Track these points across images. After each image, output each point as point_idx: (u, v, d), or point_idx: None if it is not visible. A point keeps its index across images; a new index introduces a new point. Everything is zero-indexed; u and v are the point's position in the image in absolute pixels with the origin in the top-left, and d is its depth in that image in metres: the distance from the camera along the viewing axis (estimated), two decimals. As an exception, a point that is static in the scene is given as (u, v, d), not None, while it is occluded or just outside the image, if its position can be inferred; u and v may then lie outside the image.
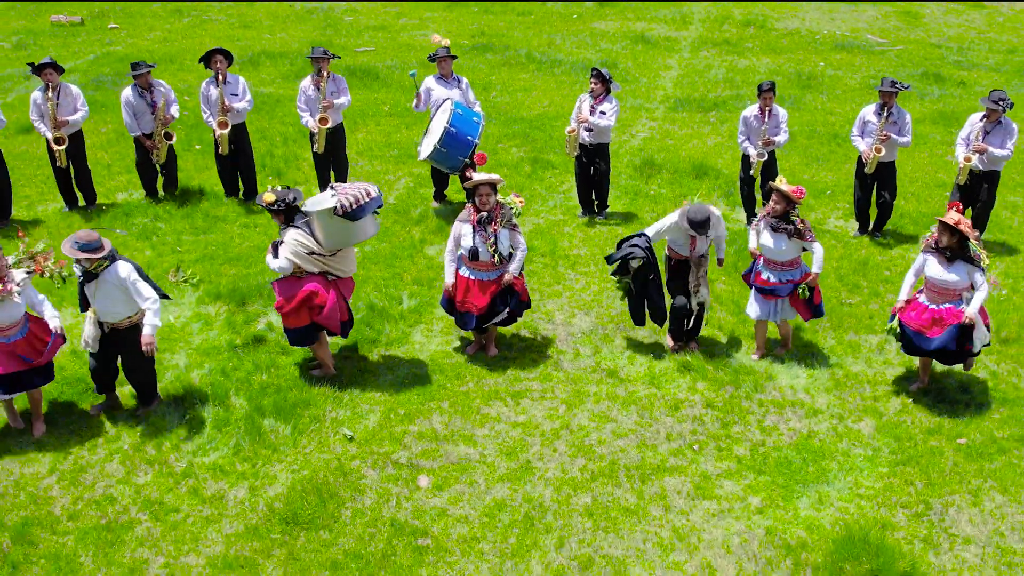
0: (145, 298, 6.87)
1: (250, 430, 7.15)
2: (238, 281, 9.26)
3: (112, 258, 6.85)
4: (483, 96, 14.90)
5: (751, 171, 10.47)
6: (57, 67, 10.39)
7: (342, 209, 7.11)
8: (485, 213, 7.69)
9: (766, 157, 10.36)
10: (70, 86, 10.61)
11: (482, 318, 7.86)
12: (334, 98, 10.76)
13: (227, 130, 10.80)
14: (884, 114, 10.01)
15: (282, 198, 7.41)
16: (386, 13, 22.81)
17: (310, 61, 10.82)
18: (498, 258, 7.74)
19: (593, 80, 10.44)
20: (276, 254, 7.43)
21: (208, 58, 10.83)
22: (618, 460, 6.96)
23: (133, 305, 6.99)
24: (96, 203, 11.12)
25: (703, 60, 18.56)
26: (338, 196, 7.19)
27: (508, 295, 7.88)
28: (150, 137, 10.81)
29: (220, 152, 11.02)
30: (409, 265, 9.75)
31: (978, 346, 7.29)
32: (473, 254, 7.72)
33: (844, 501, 6.57)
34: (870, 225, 10.63)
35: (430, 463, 6.92)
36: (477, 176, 7.74)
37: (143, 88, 10.68)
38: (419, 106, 10.97)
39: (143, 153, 10.95)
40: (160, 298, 7.03)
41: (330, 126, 10.82)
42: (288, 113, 14.10)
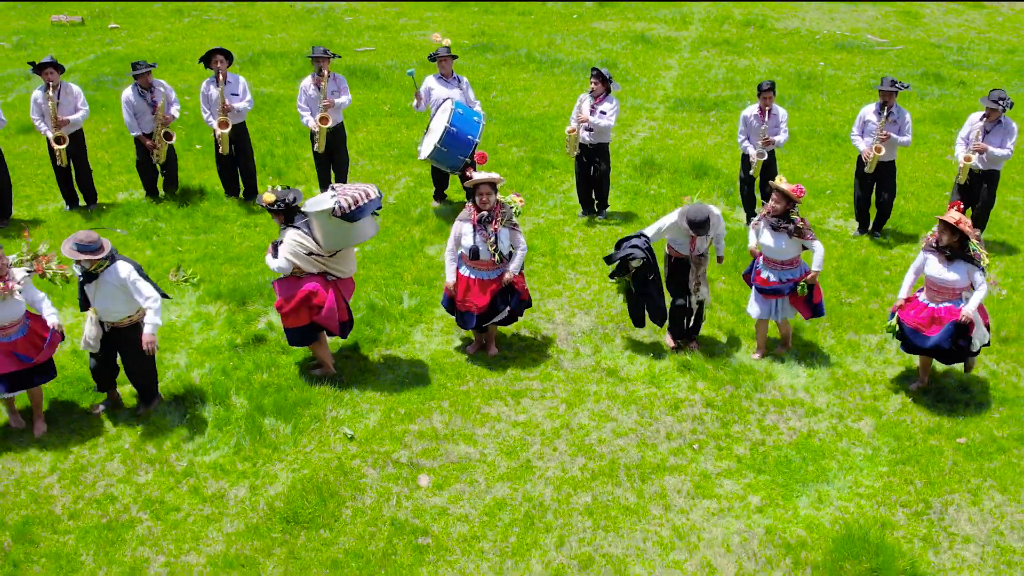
0: (146, 297, 6.88)
1: (251, 429, 7.16)
2: (238, 281, 9.27)
3: (112, 258, 6.86)
4: (483, 96, 14.90)
5: (751, 171, 10.48)
6: (58, 66, 10.40)
7: (340, 210, 7.11)
8: (485, 212, 7.70)
9: (765, 157, 10.37)
10: (71, 85, 10.62)
11: (482, 317, 7.87)
12: (335, 97, 10.77)
13: (227, 130, 10.82)
14: (884, 113, 10.02)
15: (282, 198, 7.42)
16: (386, 13, 22.81)
17: (310, 61, 10.83)
18: (498, 257, 7.74)
19: (593, 80, 10.45)
20: (276, 254, 7.45)
21: (208, 58, 10.85)
22: (618, 459, 6.97)
23: (134, 304, 7.00)
24: (97, 203, 11.13)
25: (703, 60, 18.56)
26: (337, 197, 7.20)
27: (508, 294, 7.89)
28: (150, 137, 10.83)
29: (220, 152, 11.04)
30: (409, 264, 9.76)
31: (977, 345, 7.30)
32: (473, 253, 7.73)
33: (844, 500, 6.58)
34: (870, 225, 10.65)
35: (430, 462, 6.93)
36: (477, 175, 7.75)
37: (143, 88, 10.69)
38: (419, 106, 10.98)
39: (143, 153, 10.96)
40: (159, 297, 7.04)
41: (330, 125, 10.83)
42: (288, 113, 14.11)
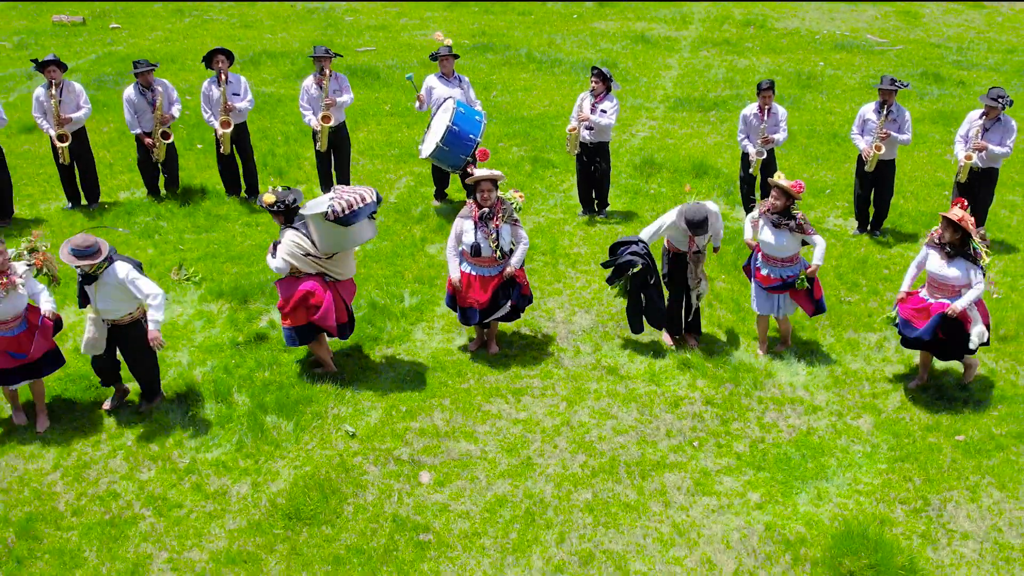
0: (146, 294, 6.88)
1: (252, 426, 7.19)
2: (240, 279, 9.30)
3: (110, 260, 6.86)
4: (484, 96, 14.93)
5: (750, 169, 10.52)
6: (60, 64, 10.43)
7: (334, 214, 7.11)
8: (487, 209, 7.72)
9: (765, 155, 10.41)
10: (73, 83, 10.65)
11: (485, 313, 7.90)
12: (336, 96, 10.80)
13: (229, 129, 10.84)
14: (884, 112, 10.04)
15: (282, 199, 7.44)
16: (387, 13, 22.84)
17: (311, 60, 10.86)
18: (500, 253, 7.77)
19: (594, 79, 10.47)
20: (276, 253, 7.47)
21: (210, 58, 10.87)
22: (618, 456, 6.99)
23: (135, 302, 7.02)
24: (99, 201, 11.16)
25: (703, 60, 18.59)
26: (332, 201, 7.21)
27: (510, 288, 7.91)
28: (149, 135, 10.85)
29: (222, 152, 11.06)
30: (410, 263, 9.78)
31: (975, 343, 7.31)
32: (475, 250, 7.75)
33: (843, 497, 6.61)
34: (869, 223, 10.67)
35: (431, 459, 6.96)
36: (479, 172, 7.77)
37: (144, 86, 10.72)
38: (422, 107, 10.99)
39: (144, 152, 10.98)
40: (161, 293, 7.04)
41: (332, 124, 10.86)
42: (289, 112, 14.13)
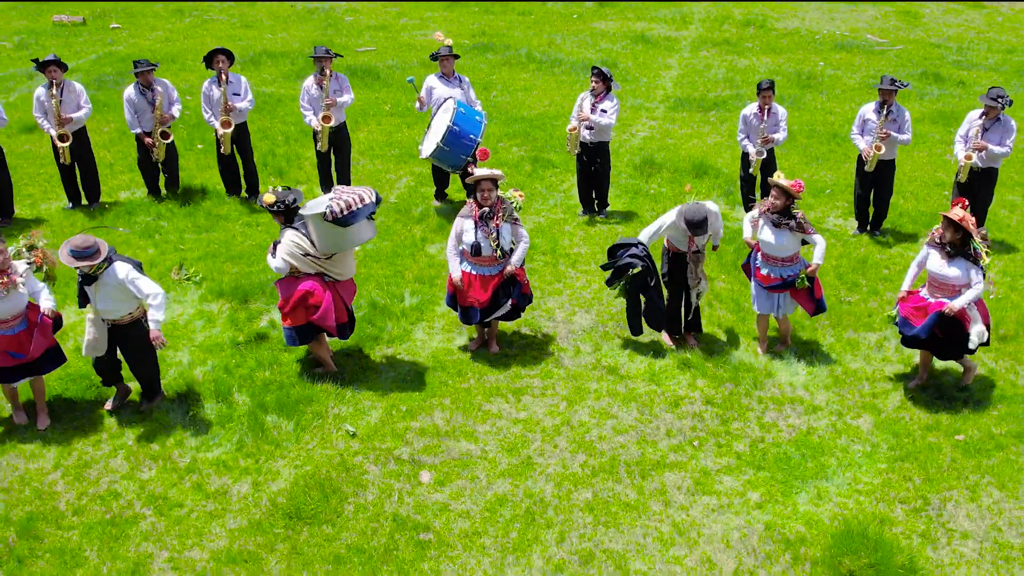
0: (147, 294, 6.89)
1: (253, 426, 7.20)
2: (240, 279, 9.31)
3: (110, 260, 6.86)
4: (484, 96, 14.94)
5: (750, 169, 10.53)
6: (61, 64, 10.44)
7: (332, 215, 7.11)
8: (487, 208, 7.73)
9: (764, 155, 10.42)
10: (73, 83, 10.66)
11: (485, 312, 7.90)
12: (337, 96, 10.81)
13: (230, 129, 10.85)
14: (884, 112, 10.05)
15: (282, 199, 7.44)
16: (387, 13, 22.85)
17: (312, 61, 10.86)
18: (500, 252, 7.77)
19: (594, 79, 10.48)
20: (276, 253, 7.48)
21: (210, 58, 10.88)
22: (618, 456, 7.00)
23: (135, 301, 7.02)
24: (99, 201, 11.16)
25: (703, 60, 18.60)
26: (331, 201, 7.21)
27: (510, 286, 7.91)
28: (149, 135, 10.86)
29: (222, 152, 11.07)
30: (411, 263, 9.79)
31: (975, 342, 7.32)
32: (475, 249, 7.75)
33: (843, 496, 6.62)
34: (869, 223, 10.68)
35: (432, 459, 6.97)
36: (479, 171, 7.78)
37: (145, 86, 10.73)
38: (422, 107, 10.99)
39: (145, 151, 10.99)
40: (161, 292, 7.04)
41: (333, 125, 10.87)
42: (290, 112, 14.14)
